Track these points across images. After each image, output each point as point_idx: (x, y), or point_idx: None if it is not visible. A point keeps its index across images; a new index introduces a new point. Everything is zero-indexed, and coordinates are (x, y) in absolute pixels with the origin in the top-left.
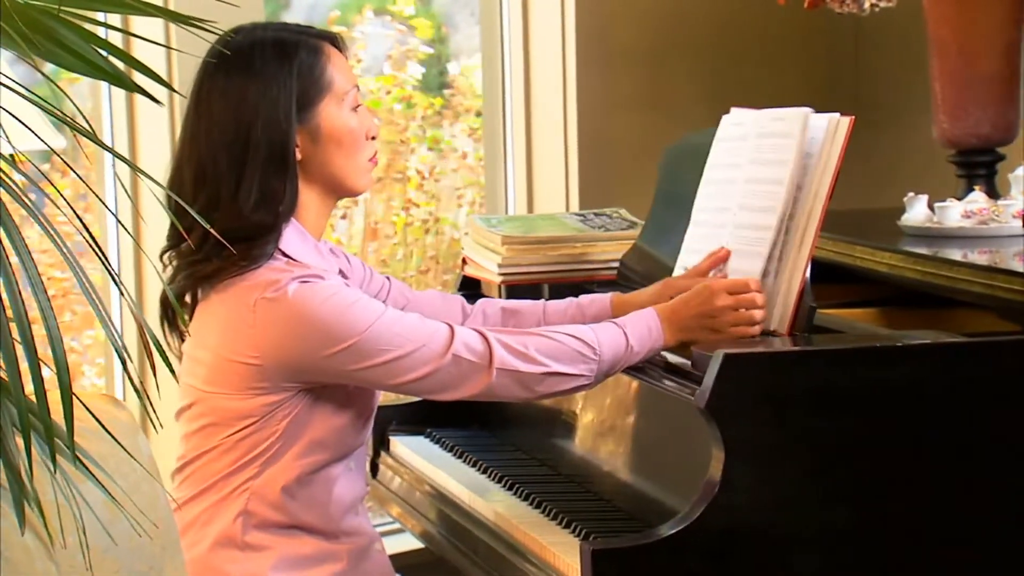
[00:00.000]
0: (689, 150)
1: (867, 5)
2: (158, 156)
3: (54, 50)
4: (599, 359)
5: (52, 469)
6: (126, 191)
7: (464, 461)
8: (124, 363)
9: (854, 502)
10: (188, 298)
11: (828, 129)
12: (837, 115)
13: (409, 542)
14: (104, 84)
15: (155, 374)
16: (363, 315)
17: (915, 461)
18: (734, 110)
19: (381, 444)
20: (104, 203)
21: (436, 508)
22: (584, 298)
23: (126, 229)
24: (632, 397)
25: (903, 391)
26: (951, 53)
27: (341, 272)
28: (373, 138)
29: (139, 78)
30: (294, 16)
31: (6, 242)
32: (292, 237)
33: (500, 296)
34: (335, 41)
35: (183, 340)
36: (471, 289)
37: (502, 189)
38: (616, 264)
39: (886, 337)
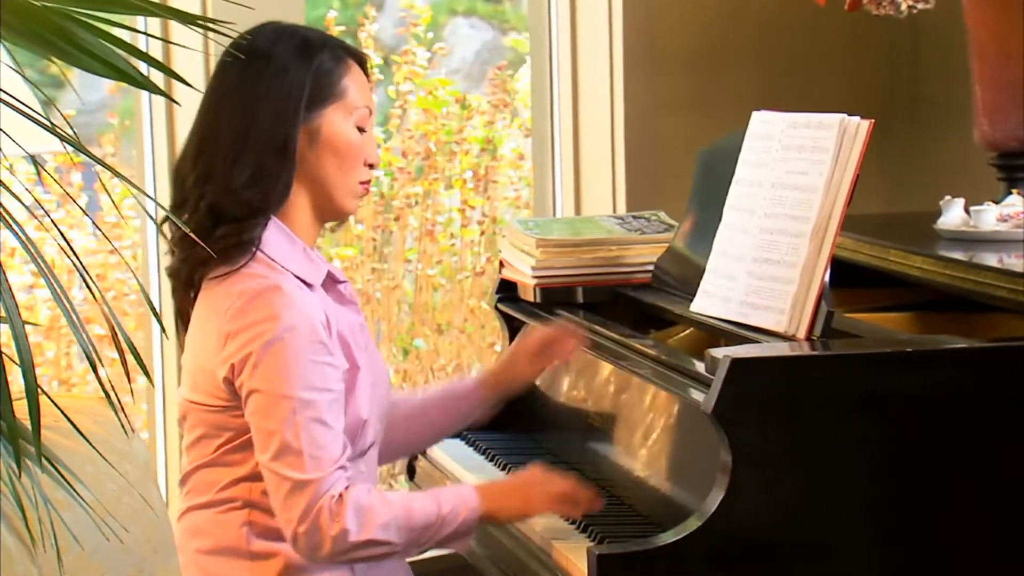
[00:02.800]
0: (721, 152)
1: (904, 7)
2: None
3: (71, 51)
4: (410, 525)
5: (17, 471)
6: (108, 198)
7: (496, 465)
8: (95, 367)
9: (861, 509)
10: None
11: (848, 132)
12: (857, 118)
13: None
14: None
15: (129, 379)
16: (312, 380)
17: (925, 467)
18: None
19: None
20: (86, 212)
21: None
22: (451, 389)
23: (102, 232)
24: (666, 406)
25: (912, 396)
26: (991, 56)
27: (330, 275)
28: (371, 166)
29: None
30: (387, 16)
31: None
32: (279, 240)
33: (535, 299)
34: (362, 61)
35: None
36: (509, 291)
37: (550, 191)
38: (651, 267)
39: (899, 342)
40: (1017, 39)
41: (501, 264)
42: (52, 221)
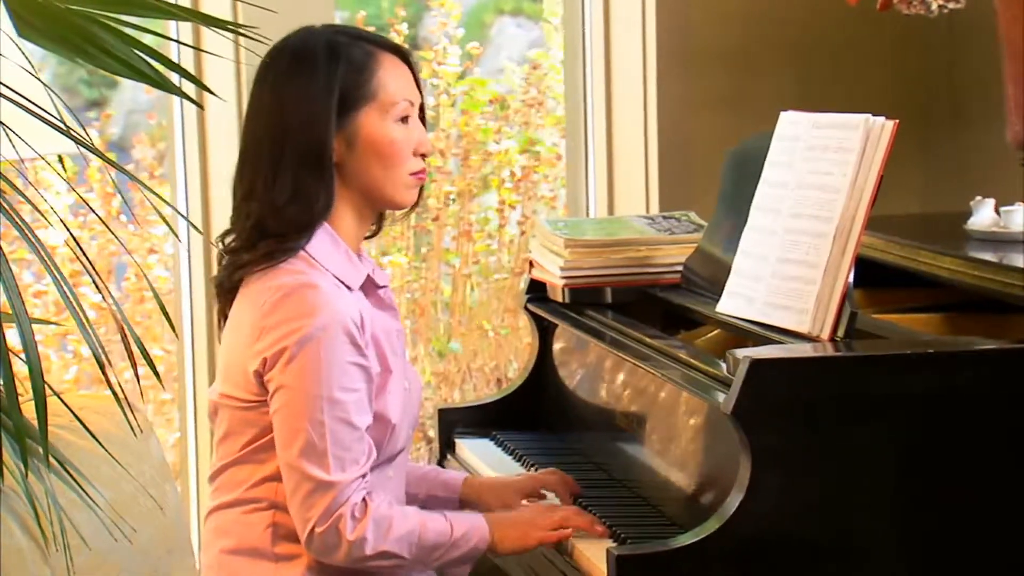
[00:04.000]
0: (749, 153)
1: (934, 6)
2: (226, 162)
3: (93, 52)
4: (421, 543)
5: (24, 470)
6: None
7: (523, 465)
8: (103, 366)
9: (881, 511)
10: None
11: (872, 133)
12: (882, 119)
13: None
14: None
15: (138, 379)
16: (342, 380)
17: (944, 469)
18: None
19: (447, 446)
20: (92, 209)
21: None
22: (440, 472)
23: (111, 231)
24: (691, 407)
25: (933, 398)
26: None
27: (370, 279)
28: (423, 155)
29: (213, 82)
30: (433, 15)
31: None
32: (323, 241)
33: (563, 299)
34: (400, 53)
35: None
36: (538, 291)
37: (583, 190)
38: (680, 268)
39: (921, 343)
40: None
41: (531, 264)
42: (62, 221)
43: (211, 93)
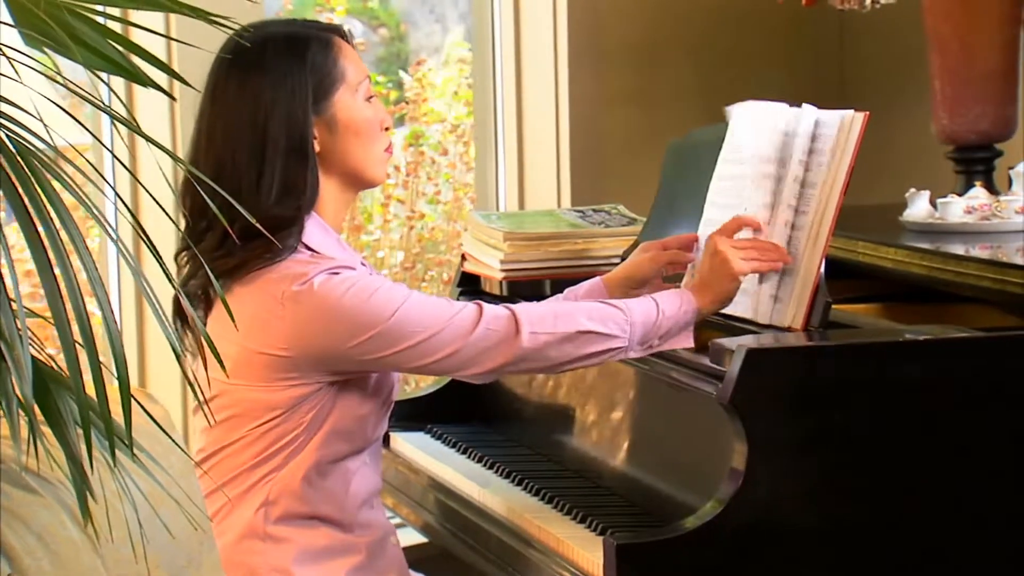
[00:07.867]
0: (694, 146)
1: (868, 1)
2: (160, 159)
3: (69, 44)
4: (629, 319)
5: (112, 464)
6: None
7: (469, 457)
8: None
9: (877, 496)
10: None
11: (843, 124)
12: (851, 111)
13: (412, 536)
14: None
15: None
16: (388, 301)
17: (938, 456)
18: (756, 103)
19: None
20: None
21: (440, 503)
22: (572, 290)
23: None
24: (635, 390)
25: (927, 386)
26: (952, 50)
27: (363, 263)
28: (387, 129)
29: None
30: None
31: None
32: (314, 231)
33: (501, 292)
34: (342, 34)
35: (194, 336)
36: (470, 286)
37: (493, 185)
38: (617, 260)
39: (904, 332)
40: (979, 33)
41: (463, 258)
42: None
43: (193, 88)
